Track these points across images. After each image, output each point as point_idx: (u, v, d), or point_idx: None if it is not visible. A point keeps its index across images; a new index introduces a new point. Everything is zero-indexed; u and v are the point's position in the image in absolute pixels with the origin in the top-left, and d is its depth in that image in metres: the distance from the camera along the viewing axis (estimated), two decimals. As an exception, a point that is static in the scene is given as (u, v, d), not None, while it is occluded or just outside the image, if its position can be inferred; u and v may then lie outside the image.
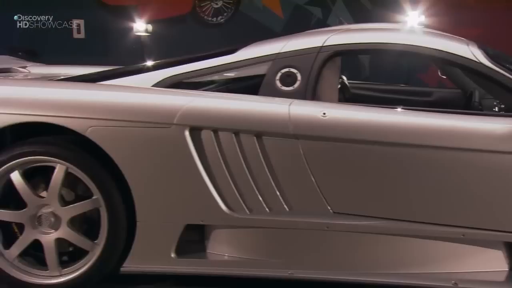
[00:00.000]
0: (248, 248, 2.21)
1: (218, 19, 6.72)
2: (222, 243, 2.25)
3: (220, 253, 2.24)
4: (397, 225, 2.09)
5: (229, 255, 2.23)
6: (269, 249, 2.20)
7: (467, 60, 2.20)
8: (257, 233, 2.20)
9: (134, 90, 2.26)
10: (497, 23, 6.56)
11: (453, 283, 2.03)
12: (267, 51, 2.42)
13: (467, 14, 6.79)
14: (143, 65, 2.64)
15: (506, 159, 1.99)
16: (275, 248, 2.20)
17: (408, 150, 2.06)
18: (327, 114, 2.13)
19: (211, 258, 2.24)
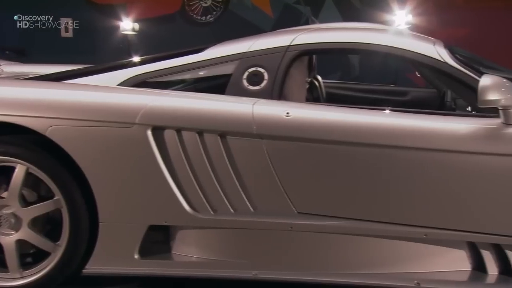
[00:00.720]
0: (213, 249, 2.19)
1: (207, 18, 6.70)
2: (187, 244, 2.22)
3: (185, 254, 2.21)
4: (361, 225, 2.07)
5: (194, 256, 2.20)
6: (234, 249, 2.18)
7: (433, 59, 2.18)
8: (221, 233, 2.17)
9: (95, 89, 2.24)
10: (485, 22, 6.59)
11: (415, 283, 2.02)
12: (235, 50, 2.40)
13: (454, 13, 6.81)
14: (110, 64, 2.61)
15: (468, 159, 1.97)
16: (240, 248, 2.18)
17: (372, 150, 2.04)
18: (290, 114, 2.11)
19: (176, 259, 2.21)
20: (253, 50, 2.36)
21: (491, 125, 1.98)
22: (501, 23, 6.47)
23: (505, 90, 1.90)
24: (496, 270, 2.05)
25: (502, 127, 1.96)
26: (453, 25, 6.71)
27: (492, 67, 2.74)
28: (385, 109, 2.15)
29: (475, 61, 2.64)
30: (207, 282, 2.24)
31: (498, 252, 2.05)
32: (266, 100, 2.19)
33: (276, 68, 2.30)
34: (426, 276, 2.04)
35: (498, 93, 1.89)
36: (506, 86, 1.91)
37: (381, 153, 2.04)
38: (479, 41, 6.42)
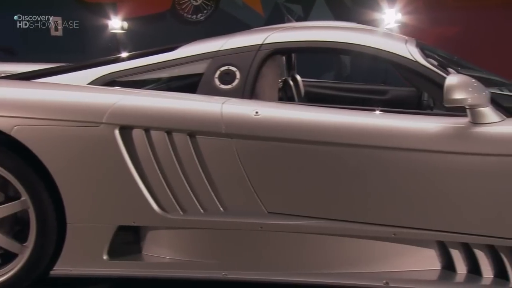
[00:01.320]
0: (183, 249, 2.17)
1: (198, 16, 6.67)
2: (157, 244, 2.19)
3: (156, 254, 2.19)
4: (330, 225, 2.05)
5: (164, 257, 2.17)
6: (204, 250, 2.16)
7: (404, 58, 2.16)
8: (191, 234, 2.15)
9: (62, 88, 2.21)
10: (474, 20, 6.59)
11: (384, 282, 2.00)
12: (207, 49, 2.38)
13: (444, 12, 6.81)
14: (82, 62, 2.57)
15: (437, 158, 1.95)
16: (210, 249, 2.15)
17: (340, 150, 2.02)
18: (259, 113, 2.08)
19: (146, 260, 2.18)
20: (225, 49, 2.35)
21: (459, 124, 1.97)
22: (490, 22, 6.48)
23: (472, 89, 1.89)
24: (465, 269, 2.04)
25: (470, 126, 1.94)
26: (443, 24, 6.72)
27: (466, 66, 2.73)
28: (355, 108, 2.14)
29: (449, 60, 2.64)
30: (185, 282, 2.21)
31: (466, 251, 2.04)
32: (236, 99, 2.18)
33: (248, 67, 2.28)
34: (395, 276, 2.03)
35: (464, 92, 1.87)
36: (473, 85, 1.90)
37: (350, 153, 2.02)
38: (468, 40, 6.43)
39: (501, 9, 6.48)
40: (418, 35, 6.18)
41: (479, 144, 1.92)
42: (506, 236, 1.92)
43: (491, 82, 2.61)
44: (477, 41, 6.34)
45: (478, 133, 1.93)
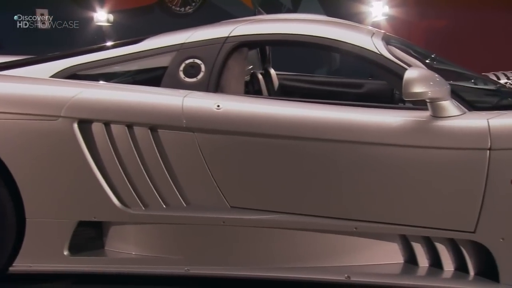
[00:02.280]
0: (146, 245, 2.15)
1: (186, 9, 6.59)
2: (120, 240, 2.18)
3: (118, 250, 2.17)
4: (292, 219, 2.04)
5: (127, 252, 2.16)
6: (167, 245, 2.14)
7: (369, 51, 2.14)
8: (154, 229, 2.14)
9: (20, 80, 2.17)
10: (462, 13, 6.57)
11: (346, 276, 2.00)
12: (172, 41, 2.34)
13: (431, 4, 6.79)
14: (47, 55, 2.52)
15: (398, 152, 1.94)
16: (172, 244, 2.14)
17: (302, 144, 2.00)
18: (221, 107, 2.06)
19: (109, 256, 2.16)
20: (190, 41, 2.31)
21: (420, 118, 1.95)
22: (477, 15, 6.46)
23: (432, 83, 1.87)
24: (427, 262, 2.04)
25: (431, 120, 1.93)
26: (431, 17, 6.70)
27: (439, 61, 2.71)
28: (318, 102, 2.11)
29: (422, 55, 2.62)
30: (150, 277, 2.19)
31: (428, 244, 2.04)
32: (198, 92, 2.15)
33: (213, 59, 2.25)
34: (357, 269, 2.02)
35: (424, 86, 1.85)
36: (433, 79, 1.88)
37: (311, 147, 2.00)
38: (456, 33, 6.41)
39: (489, 2, 6.47)
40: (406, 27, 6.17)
41: (439, 138, 1.91)
42: (466, 230, 1.91)
43: (461, 76, 2.62)
44: (465, 34, 6.33)
45: (438, 127, 1.91)
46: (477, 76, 2.67)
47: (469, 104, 2.01)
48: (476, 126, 1.87)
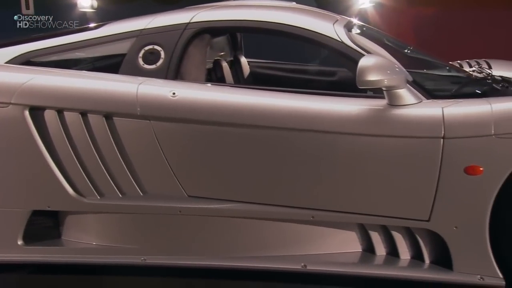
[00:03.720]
0: (102, 234, 2.12)
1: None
2: (76, 230, 2.14)
3: (75, 239, 2.14)
4: (249, 208, 2.02)
5: (84, 242, 2.12)
6: (123, 235, 2.11)
7: (330, 39, 2.11)
8: (110, 218, 2.10)
9: None
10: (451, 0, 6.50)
11: (302, 265, 1.99)
12: (132, 27, 2.28)
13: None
14: (3, 40, 2.45)
15: (355, 140, 1.92)
16: (129, 234, 2.11)
17: (259, 132, 1.97)
18: (177, 94, 2.03)
19: (66, 245, 2.13)
20: (151, 27, 2.26)
21: (377, 106, 1.93)
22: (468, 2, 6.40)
23: (388, 71, 1.84)
24: (384, 251, 2.04)
25: (387, 108, 1.91)
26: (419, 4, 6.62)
27: (402, 48, 2.68)
28: (275, 89, 2.07)
29: (386, 42, 2.61)
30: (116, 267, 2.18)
31: (385, 233, 2.03)
32: (155, 79, 2.10)
33: (173, 46, 2.21)
34: (314, 258, 2.01)
35: (379, 74, 1.82)
36: (389, 67, 1.85)
37: (268, 135, 1.97)
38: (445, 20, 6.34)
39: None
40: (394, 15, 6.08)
41: (395, 126, 1.89)
42: (421, 218, 1.90)
43: (426, 65, 2.61)
44: (454, 21, 6.26)
45: (394, 115, 1.89)
46: (443, 64, 2.66)
47: (428, 92, 1.99)
48: (430, 114, 1.85)
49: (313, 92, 2.08)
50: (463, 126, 1.81)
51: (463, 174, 1.81)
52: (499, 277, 1.84)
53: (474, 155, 1.79)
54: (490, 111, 1.80)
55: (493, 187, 1.79)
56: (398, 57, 2.31)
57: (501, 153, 1.77)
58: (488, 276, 1.85)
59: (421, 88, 1.98)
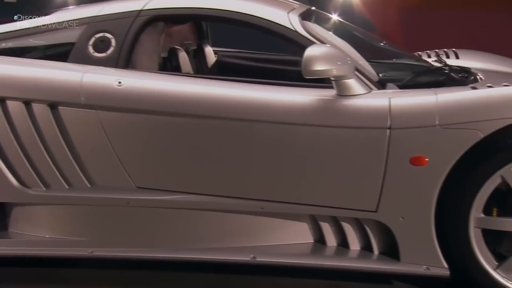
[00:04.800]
0: (49, 227, 2.07)
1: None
2: (24, 222, 2.09)
3: (22, 231, 2.09)
4: (198, 199, 1.99)
5: (31, 234, 2.07)
6: (70, 227, 2.07)
7: (283, 28, 2.06)
8: (57, 210, 2.06)
9: None
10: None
11: (251, 257, 1.97)
12: (83, 14, 2.22)
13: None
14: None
15: (304, 131, 1.89)
16: (76, 226, 2.07)
17: (206, 122, 1.93)
18: (123, 83, 1.98)
19: (13, 237, 2.07)
20: (102, 14, 2.20)
21: (326, 97, 1.90)
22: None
23: (335, 60, 1.80)
24: (335, 242, 2.02)
25: (336, 99, 1.88)
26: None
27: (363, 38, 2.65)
28: (225, 79, 2.03)
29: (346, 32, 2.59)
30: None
31: (336, 224, 2.02)
32: (102, 68, 2.05)
33: (124, 34, 2.14)
34: (263, 250, 1.99)
35: (325, 64, 1.79)
36: (337, 57, 1.82)
37: (216, 125, 1.94)
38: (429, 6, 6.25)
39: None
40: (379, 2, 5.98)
41: (343, 117, 1.86)
42: (368, 209, 1.88)
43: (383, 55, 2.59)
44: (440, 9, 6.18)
45: (342, 106, 1.87)
46: (404, 55, 2.64)
47: (379, 82, 1.98)
48: (377, 105, 1.83)
49: (263, 82, 2.04)
50: (409, 116, 1.80)
51: (408, 165, 1.80)
52: (444, 267, 1.86)
53: (419, 146, 1.79)
54: (435, 101, 1.79)
55: (438, 177, 1.78)
56: (357, 47, 2.30)
57: (445, 144, 1.76)
58: (434, 266, 1.86)
59: (369, 79, 1.94)
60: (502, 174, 1.74)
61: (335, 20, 2.68)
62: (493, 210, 1.81)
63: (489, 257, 1.82)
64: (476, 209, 1.78)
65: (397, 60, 2.53)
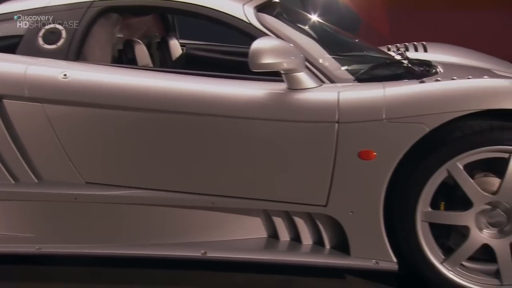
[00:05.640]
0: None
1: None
2: (-32, 218, 2.09)
3: (-33, 228, 2.09)
4: (149, 195, 1.95)
5: (-24, 231, 2.08)
6: (18, 223, 2.01)
7: (238, 20, 2.03)
8: (4, 206, 1.99)
9: None
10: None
11: (202, 252, 1.94)
12: (33, 5, 2.16)
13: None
14: None
15: (255, 125, 1.85)
16: (24, 222, 2.01)
17: (156, 116, 1.89)
18: (68, 76, 1.93)
19: (-41, 235, 2.07)
20: (52, 5, 2.14)
21: (277, 90, 1.87)
22: None
23: (286, 53, 1.77)
24: (288, 237, 2.01)
25: (287, 93, 1.85)
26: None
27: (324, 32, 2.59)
28: (177, 72, 1.99)
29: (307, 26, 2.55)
30: None
31: (289, 219, 2.01)
32: (48, 60, 2.00)
33: (75, 25, 2.12)
34: (215, 245, 1.97)
35: (273, 57, 1.75)
36: (286, 50, 1.79)
37: (165, 119, 1.90)
38: None
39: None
40: None
41: (293, 111, 1.84)
42: (319, 204, 1.87)
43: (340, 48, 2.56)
44: None
45: (293, 100, 1.84)
46: (370, 48, 2.63)
47: (331, 76, 1.94)
48: (326, 99, 1.81)
49: (218, 75, 2.00)
50: (356, 110, 1.78)
51: (357, 159, 1.79)
52: (393, 261, 1.85)
53: (367, 140, 1.77)
54: (383, 95, 1.78)
55: (386, 171, 1.77)
56: (322, 41, 2.27)
57: (392, 138, 1.75)
58: (383, 261, 1.85)
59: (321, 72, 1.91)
60: (448, 168, 1.74)
61: (301, 14, 2.65)
62: (440, 204, 1.83)
63: (436, 250, 1.83)
64: (423, 203, 1.78)
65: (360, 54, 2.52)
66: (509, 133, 1.70)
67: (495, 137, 1.70)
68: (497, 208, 1.77)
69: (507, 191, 1.73)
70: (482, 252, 1.84)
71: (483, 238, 1.78)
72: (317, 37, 2.38)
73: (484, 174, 1.80)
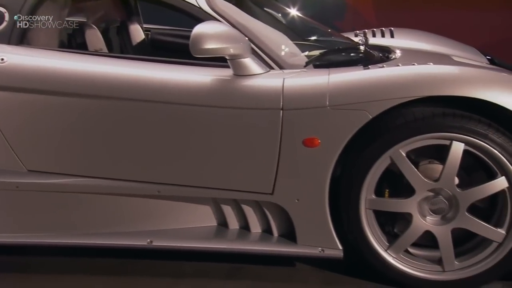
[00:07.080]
0: None
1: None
2: None
3: None
4: (93, 183, 1.91)
5: None
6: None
7: (187, 4, 1.98)
8: None
9: None
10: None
11: (148, 241, 1.91)
12: (-28, -14, 2.14)
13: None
14: None
15: (201, 112, 1.81)
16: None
17: (98, 102, 1.84)
18: (6, 60, 1.86)
19: None
20: None
21: (224, 77, 1.84)
22: None
23: (230, 39, 1.73)
24: (237, 225, 1.99)
25: (233, 79, 1.82)
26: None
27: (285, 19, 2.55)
28: (124, 57, 1.98)
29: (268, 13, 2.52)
30: None
31: (238, 207, 1.98)
32: (-15, 44, 1.96)
33: (19, 8, 2.01)
34: (161, 234, 1.93)
35: (220, 42, 1.72)
36: (231, 35, 1.75)
37: (107, 105, 1.85)
38: None
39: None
40: None
41: (239, 98, 1.80)
42: (265, 191, 1.84)
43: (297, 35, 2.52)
44: None
45: (238, 86, 1.81)
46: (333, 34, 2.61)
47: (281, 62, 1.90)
48: (271, 85, 1.79)
49: (161, 60, 1.96)
50: (300, 97, 1.76)
51: (301, 146, 1.77)
52: (339, 249, 1.85)
53: (311, 127, 1.76)
54: (327, 82, 1.76)
55: (330, 159, 1.76)
56: (277, 27, 2.24)
57: (335, 125, 1.73)
58: (329, 248, 1.85)
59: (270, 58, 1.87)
60: (390, 155, 1.73)
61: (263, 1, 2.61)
62: (385, 191, 1.84)
63: (381, 238, 1.84)
64: (367, 191, 1.78)
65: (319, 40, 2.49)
66: (450, 120, 1.70)
67: (437, 123, 1.70)
68: (440, 195, 1.78)
69: (449, 178, 1.74)
70: (429, 239, 1.88)
71: (425, 225, 1.79)
72: (277, 23, 2.35)
73: (429, 161, 1.82)
